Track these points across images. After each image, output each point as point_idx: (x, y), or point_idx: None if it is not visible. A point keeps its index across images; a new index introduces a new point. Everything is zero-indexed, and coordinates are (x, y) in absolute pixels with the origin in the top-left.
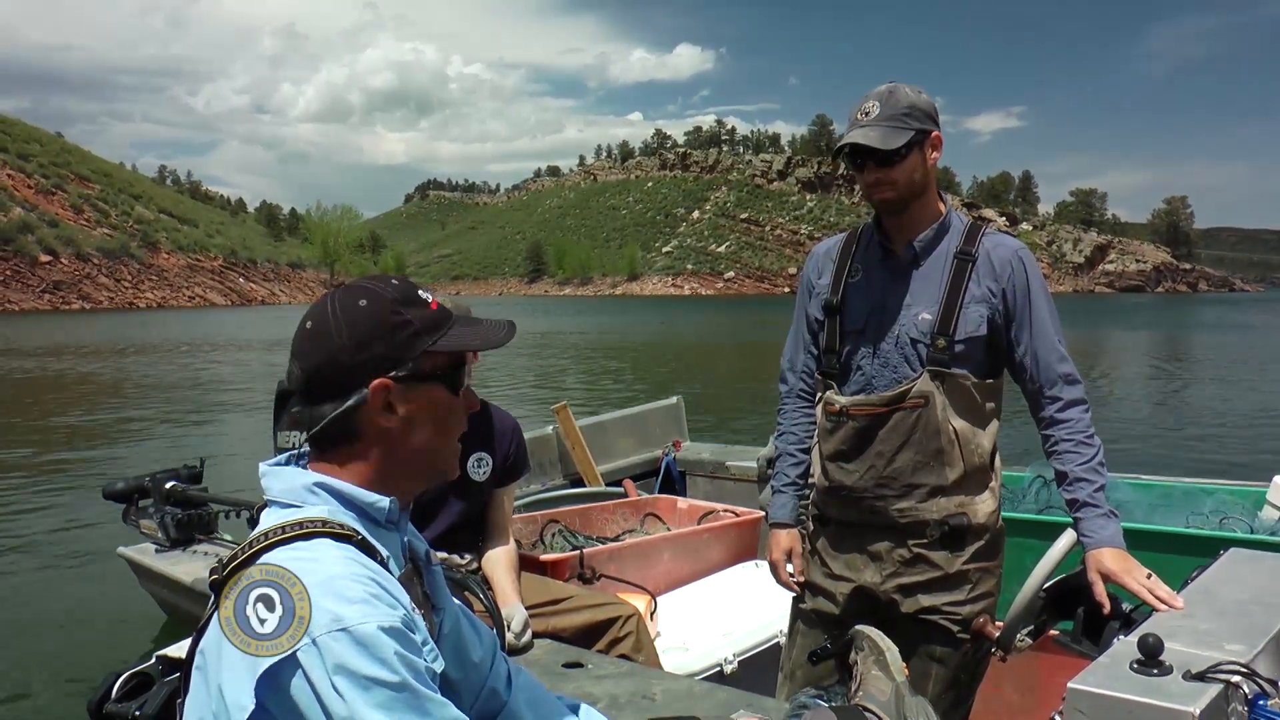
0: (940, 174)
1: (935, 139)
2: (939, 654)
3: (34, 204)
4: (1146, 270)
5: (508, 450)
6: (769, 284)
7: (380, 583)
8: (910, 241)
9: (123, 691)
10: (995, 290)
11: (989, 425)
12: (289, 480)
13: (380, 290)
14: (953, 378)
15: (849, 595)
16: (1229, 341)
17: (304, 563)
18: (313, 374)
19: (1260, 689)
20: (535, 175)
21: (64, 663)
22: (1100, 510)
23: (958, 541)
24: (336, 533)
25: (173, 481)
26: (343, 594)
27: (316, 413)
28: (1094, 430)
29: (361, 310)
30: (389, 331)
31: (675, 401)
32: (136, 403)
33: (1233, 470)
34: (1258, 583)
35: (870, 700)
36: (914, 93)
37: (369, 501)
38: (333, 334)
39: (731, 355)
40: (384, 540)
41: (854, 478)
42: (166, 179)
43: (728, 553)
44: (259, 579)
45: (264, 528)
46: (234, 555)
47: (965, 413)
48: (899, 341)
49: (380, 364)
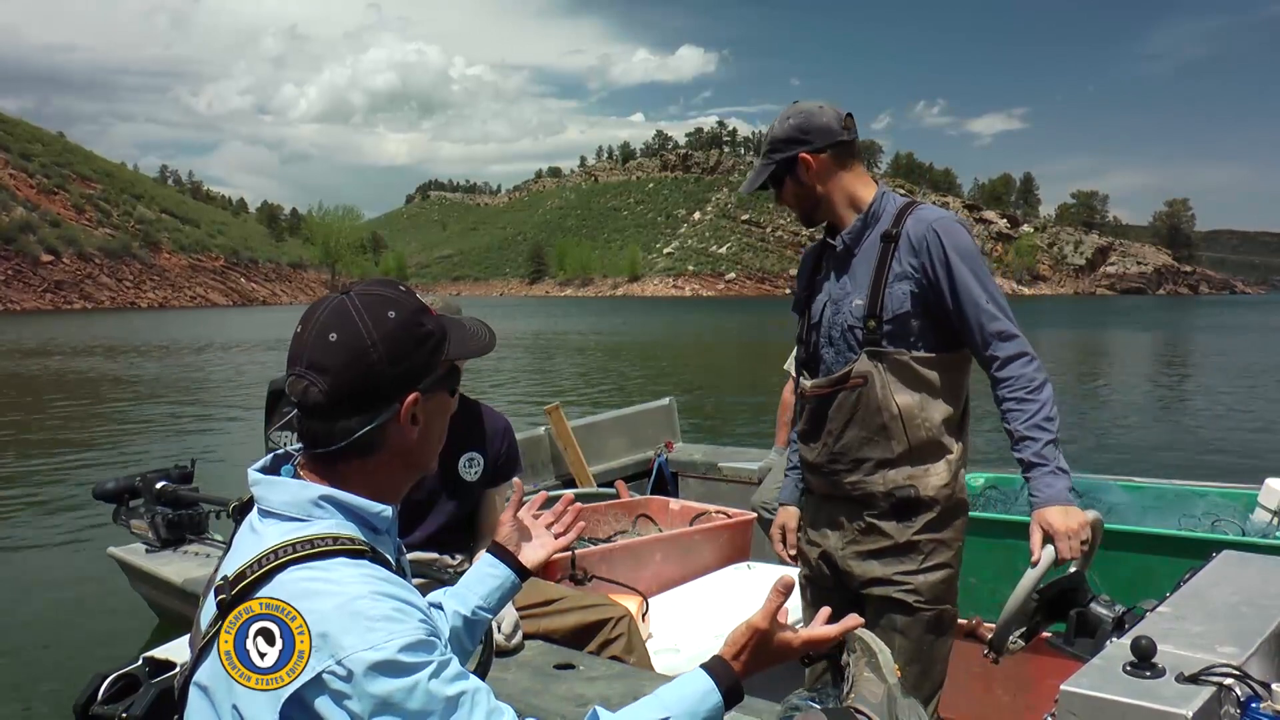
0: (941, 176)
1: (802, 160)
2: (900, 624)
3: (36, 203)
4: (1148, 272)
5: (499, 450)
6: (770, 285)
7: (401, 596)
8: (840, 235)
9: (109, 693)
10: (915, 265)
11: (942, 398)
12: (292, 493)
13: (403, 300)
14: (890, 356)
15: (818, 559)
16: (1226, 344)
17: (323, 583)
18: (342, 389)
19: (1253, 691)
20: (537, 176)
21: (52, 663)
22: (1047, 468)
23: (908, 512)
24: (349, 549)
25: (163, 481)
26: (366, 613)
27: (341, 428)
28: (1040, 380)
29: (393, 322)
30: (418, 343)
31: (668, 403)
32: (131, 402)
33: (1225, 472)
34: (1249, 585)
35: (862, 702)
36: (781, 122)
37: (375, 512)
38: (368, 348)
39: (729, 357)
40: (382, 547)
41: (813, 454)
42: (168, 179)
43: (720, 554)
44: (258, 613)
45: (273, 544)
46: (242, 573)
47: (910, 388)
48: (843, 329)
49: (413, 377)
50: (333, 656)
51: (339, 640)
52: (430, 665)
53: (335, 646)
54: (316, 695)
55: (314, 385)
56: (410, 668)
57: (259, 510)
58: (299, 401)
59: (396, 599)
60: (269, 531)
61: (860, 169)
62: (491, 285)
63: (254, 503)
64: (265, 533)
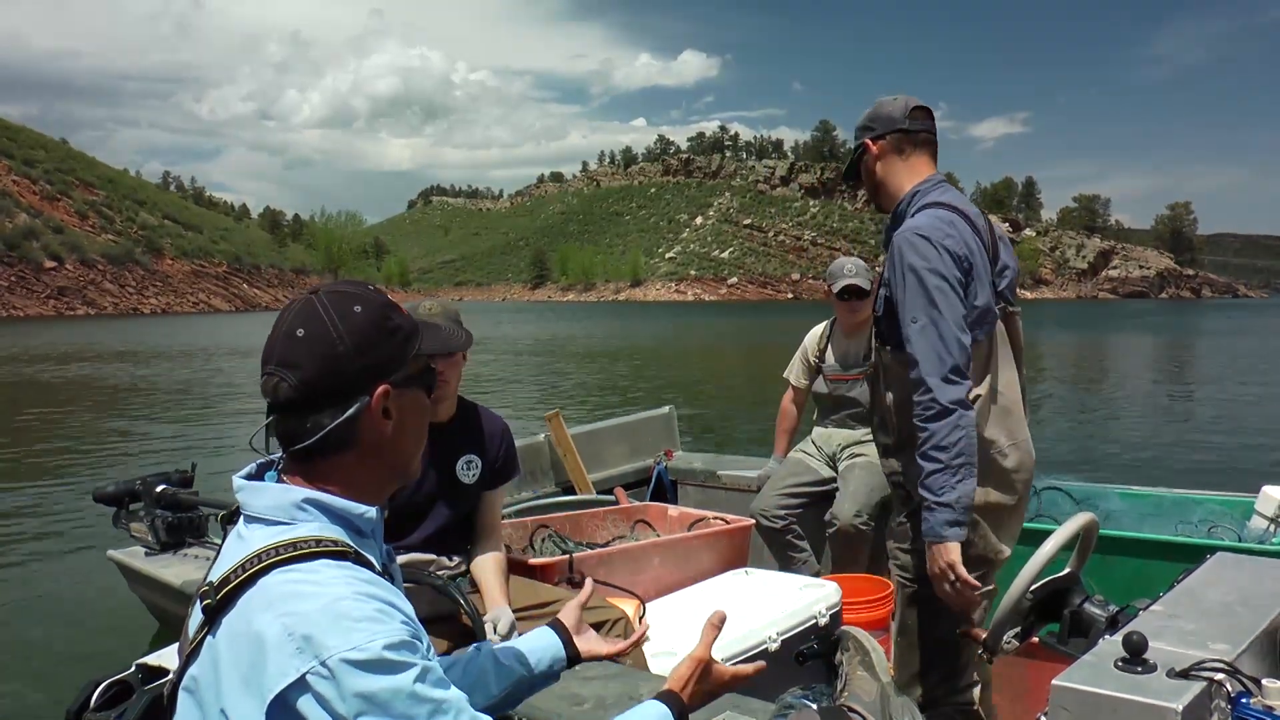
0: (944, 179)
1: (865, 145)
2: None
3: (39, 210)
4: (1150, 276)
5: (497, 453)
6: (772, 289)
7: (384, 597)
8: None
9: (102, 700)
10: (887, 274)
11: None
12: (275, 497)
13: (370, 296)
14: (888, 352)
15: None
16: (1227, 349)
17: (306, 585)
18: (312, 382)
19: (1243, 687)
20: (539, 181)
21: (48, 667)
22: (926, 503)
23: (901, 498)
24: (332, 551)
25: (164, 485)
26: (349, 614)
27: (313, 422)
28: (931, 410)
29: (358, 316)
30: (385, 336)
31: (668, 411)
32: (133, 408)
33: (1222, 481)
34: (1243, 585)
35: (856, 700)
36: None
37: (358, 514)
38: (334, 340)
39: (730, 363)
40: (367, 550)
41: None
42: (170, 185)
43: (718, 560)
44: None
45: (257, 548)
46: (226, 578)
47: (899, 384)
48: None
49: (382, 369)
50: (316, 657)
51: (322, 641)
52: (415, 668)
53: (319, 647)
54: (299, 696)
55: (284, 381)
56: (394, 667)
57: (244, 516)
58: (272, 399)
59: (380, 600)
60: (254, 536)
61: (917, 160)
62: (494, 290)
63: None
64: (250, 538)
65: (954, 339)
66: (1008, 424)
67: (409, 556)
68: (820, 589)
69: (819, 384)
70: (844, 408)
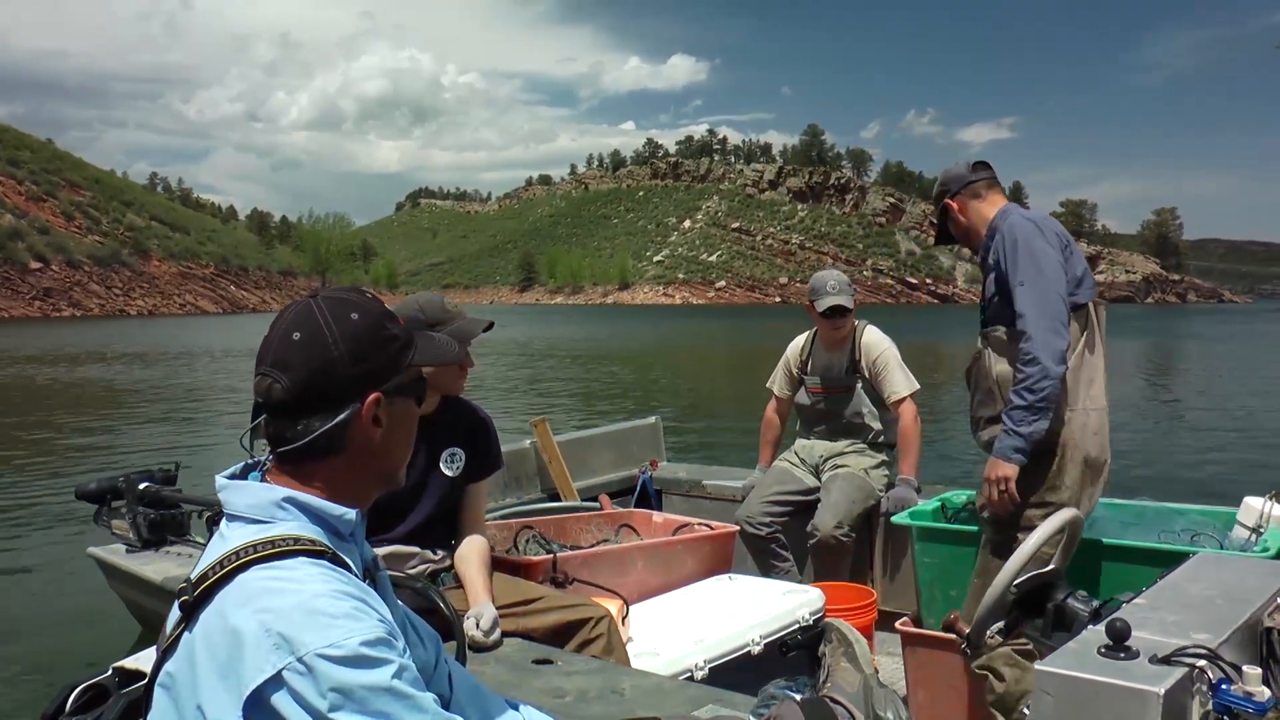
0: (930, 184)
1: (946, 205)
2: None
3: (24, 210)
4: (1136, 281)
5: (481, 445)
6: (760, 293)
7: (360, 596)
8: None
9: (78, 704)
10: (994, 259)
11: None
12: (256, 495)
13: (368, 304)
14: (1002, 331)
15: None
16: (1212, 355)
17: (284, 582)
18: (305, 386)
19: (1224, 673)
20: (527, 184)
21: (26, 668)
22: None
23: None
24: (310, 549)
25: (146, 482)
26: (326, 611)
27: (304, 425)
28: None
29: (355, 323)
30: (381, 345)
31: (654, 421)
32: (118, 407)
33: (1206, 494)
34: (1225, 581)
35: (839, 692)
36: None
37: (337, 515)
38: (329, 345)
39: (717, 368)
40: (345, 553)
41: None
42: (157, 186)
43: (702, 565)
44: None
45: (235, 546)
46: (204, 575)
47: (1010, 360)
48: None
49: (374, 377)
50: (293, 653)
51: (299, 637)
52: (392, 664)
53: (296, 643)
54: (275, 692)
55: (277, 383)
56: (372, 663)
57: (226, 515)
58: (264, 400)
59: (356, 599)
60: (234, 534)
61: (992, 197)
62: (481, 293)
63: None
64: (230, 536)
65: (1057, 296)
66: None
67: (393, 549)
68: (804, 594)
69: (801, 395)
70: (826, 420)
